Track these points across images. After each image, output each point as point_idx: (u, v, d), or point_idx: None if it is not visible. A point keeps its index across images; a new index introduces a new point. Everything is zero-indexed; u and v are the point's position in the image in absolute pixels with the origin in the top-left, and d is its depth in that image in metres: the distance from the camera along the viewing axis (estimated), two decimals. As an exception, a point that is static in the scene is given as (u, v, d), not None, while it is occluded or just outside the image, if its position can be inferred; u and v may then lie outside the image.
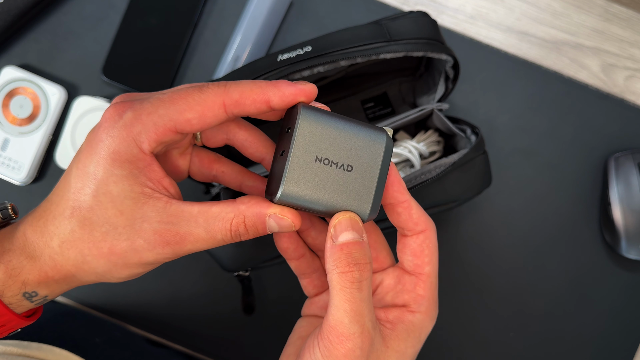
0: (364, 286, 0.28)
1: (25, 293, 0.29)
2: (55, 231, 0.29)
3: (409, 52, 0.42)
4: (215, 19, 0.54)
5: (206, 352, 0.54)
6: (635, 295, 0.54)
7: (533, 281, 0.54)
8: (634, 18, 0.55)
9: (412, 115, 0.47)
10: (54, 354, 0.42)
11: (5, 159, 0.51)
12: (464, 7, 0.55)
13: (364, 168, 0.29)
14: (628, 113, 0.55)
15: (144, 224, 0.28)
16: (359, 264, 0.28)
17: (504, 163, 0.54)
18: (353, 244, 0.28)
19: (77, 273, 0.29)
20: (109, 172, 0.28)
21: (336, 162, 0.28)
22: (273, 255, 0.43)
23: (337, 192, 0.28)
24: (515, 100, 0.55)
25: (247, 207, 0.29)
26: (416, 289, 0.32)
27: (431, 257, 0.32)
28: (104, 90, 0.53)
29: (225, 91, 0.29)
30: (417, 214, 0.32)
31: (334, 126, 0.28)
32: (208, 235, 0.29)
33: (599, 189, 0.55)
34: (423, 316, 0.32)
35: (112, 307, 0.53)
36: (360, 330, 0.28)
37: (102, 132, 0.28)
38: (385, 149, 0.29)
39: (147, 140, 0.28)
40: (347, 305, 0.28)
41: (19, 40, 0.53)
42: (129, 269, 0.29)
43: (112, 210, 0.28)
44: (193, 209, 0.29)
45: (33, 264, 0.29)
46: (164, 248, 0.28)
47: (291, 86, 0.29)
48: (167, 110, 0.28)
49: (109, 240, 0.28)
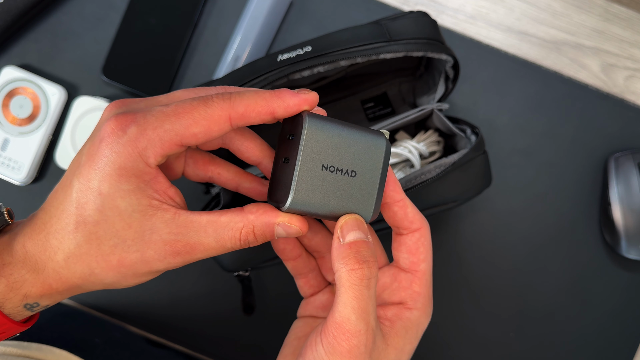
0: (372, 284, 0.29)
1: (26, 305, 0.29)
2: (59, 245, 0.28)
3: (409, 52, 0.42)
4: (215, 19, 0.54)
5: (206, 352, 0.54)
6: (635, 295, 0.54)
7: (533, 281, 0.54)
8: (634, 18, 0.55)
9: (412, 115, 0.47)
10: (54, 354, 0.42)
11: (5, 159, 0.51)
12: (464, 7, 0.55)
13: (367, 172, 0.30)
14: (628, 113, 0.55)
15: (153, 236, 0.28)
16: (368, 261, 0.29)
17: (504, 163, 0.54)
18: (361, 242, 0.29)
19: (83, 284, 0.29)
20: (115, 187, 0.28)
21: (341, 168, 0.29)
22: (273, 255, 0.43)
23: (343, 197, 0.30)
24: (515, 100, 0.55)
25: (256, 217, 0.29)
26: (412, 286, 0.33)
27: (426, 254, 0.33)
28: (104, 90, 0.53)
29: (231, 105, 0.28)
30: (412, 212, 0.33)
31: (337, 134, 0.29)
32: (218, 244, 0.29)
33: (599, 189, 0.55)
34: (420, 313, 0.33)
35: (112, 307, 0.53)
36: (365, 327, 0.28)
37: (105, 147, 0.28)
38: (385, 152, 0.30)
39: (154, 155, 0.28)
40: (355, 302, 0.28)
41: (19, 40, 0.53)
42: (138, 278, 0.30)
43: (120, 224, 0.28)
44: (202, 219, 0.29)
45: (36, 277, 0.29)
46: (175, 258, 0.29)
47: (295, 97, 0.29)
48: (173, 125, 0.28)
49: (118, 253, 0.28)
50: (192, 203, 0.51)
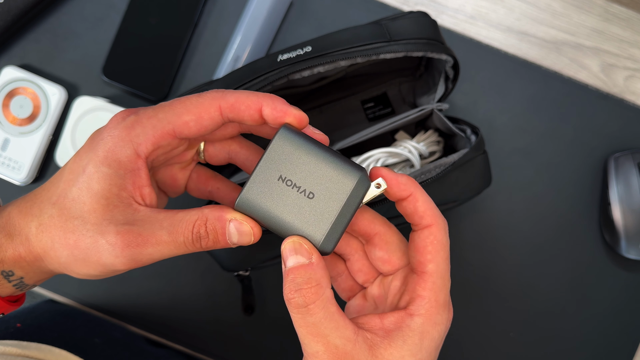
0: (314, 310, 0.28)
1: (2, 272, 0.30)
2: (37, 213, 0.30)
3: (409, 52, 0.42)
4: (215, 19, 0.54)
5: (206, 352, 0.54)
6: (635, 295, 0.54)
7: (533, 281, 0.54)
8: (634, 18, 0.55)
9: (412, 115, 0.47)
10: (53, 354, 0.42)
11: (6, 159, 0.51)
12: (464, 7, 0.55)
13: (326, 199, 0.29)
14: (628, 113, 0.55)
15: (109, 226, 0.28)
16: (301, 289, 0.28)
17: (504, 163, 0.54)
18: (297, 268, 0.28)
19: (44, 257, 0.30)
20: (96, 168, 0.29)
21: (299, 186, 0.29)
22: (273, 255, 0.43)
23: (292, 214, 0.29)
24: (515, 100, 0.55)
25: (210, 211, 0.29)
26: (416, 289, 0.30)
27: (435, 254, 0.30)
28: (104, 90, 0.53)
29: (222, 96, 0.30)
30: (423, 207, 0.30)
31: (308, 152, 0.29)
32: (170, 237, 0.29)
33: (599, 189, 0.55)
34: (422, 319, 0.29)
35: (112, 307, 0.53)
36: (323, 348, 0.28)
37: (105, 131, 0.30)
38: (355, 187, 0.29)
39: (145, 143, 0.29)
40: (302, 329, 0.28)
41: (19, 40, 0.53)
42: (88, 267, 0.30)
43: (89, 206, 0.29)
44: (160, 214, 0.29)
45: (10, 242, 0.30)
46: (124, 250, 0.28)
47: (284, 104, 0.30)
48: (166, 114, 0.30)
49: (77, 233, 0.29)
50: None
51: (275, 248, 0.42)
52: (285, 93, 0.48)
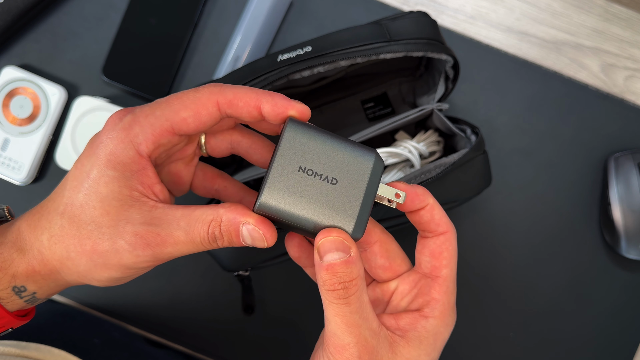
0: (352, 300, 0.28)
1: (14, 287, 0.30)
2: (46, 226, 0.29)
3: (409, 52, 0.42)
4: (215, 19, 0.54)
5: (206, 352, 0.54)
6: (635, 295, 0.54)
7: (533, 281, 0.54)
8: (634, 18, 0.55)
9: (412, 115, 0.47)
10: (52, 354, 0.42)
11: (6, 159, 0.51)
12: (464, 7, 0.55)
13: (350, 183, 0.28)
14: (628, 113, 0.55)
15: (127, 226, 0.28)
16: (344, 282, 0.28)
17: (504, 163, 0.54)
18: (338, 265, 0.28)
19: (61, 269, 0.30)
20: (102, 172, 0.28)
21: (320, 173, 0.28)
22: (273, 255, 0.43)
23: (320, 203, 0.28)
24: (515, 100, 0.55)
25: (225, 211, 0.29)
26: (431, 292, 0.31)
27: (449, 260, 0.31)
28: (104, 90, 0.53)
29: (220, 91, 0.29)
30: (439, 215, 0.31)
31: (321, 140, 0.28)
32: (187, 237, 0.28)
33: (599, 189, 0.55)
34: (437, 321, 0.31)
35: (112, 307, 0.53)
36: (354, 340, 0.28)
37: (103, 134, 0.29)
38: (374, 167, 0.29)
39: (145, 142, 0.29)
40: (338, 318, 0.28)
41: (19, 40, 0.53)
42: (109, 271, 0.29)
43: (99, 210, 0.28)
44: (177, 212, 0.29)
45: (22, 257, 0.29)
46: (144, 250, 0.28)
47: (284, 99, 0.29)
48: (164, 111, 0.29)
49: (93, 238, 0.28)
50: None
51: (275, 248, 0.42)
52: (285, 93, 0.48)
